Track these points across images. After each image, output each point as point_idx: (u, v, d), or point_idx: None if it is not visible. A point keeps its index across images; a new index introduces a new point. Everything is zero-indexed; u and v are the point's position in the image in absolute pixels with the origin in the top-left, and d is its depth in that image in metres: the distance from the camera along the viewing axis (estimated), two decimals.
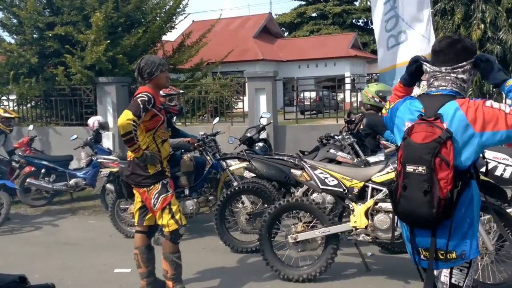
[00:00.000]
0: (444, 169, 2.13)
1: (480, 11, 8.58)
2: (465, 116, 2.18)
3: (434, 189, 2.13)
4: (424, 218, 2.18)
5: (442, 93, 2.30)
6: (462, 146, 2.19)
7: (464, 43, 2.33)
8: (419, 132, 2.20)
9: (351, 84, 12.98)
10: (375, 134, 5.66)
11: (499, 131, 2.15)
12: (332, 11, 39.55)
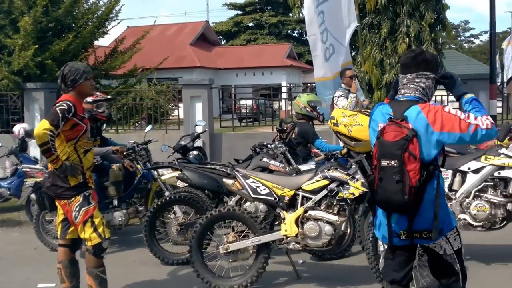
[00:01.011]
0: (412, 162, 2.55)
1: (405, 25, 9.02)
2: (426, 118, 2.62)
3: (405, 179, 2.54)
4: (398, 204, 2.59)
5: (408, 99, 2.73)
6: (425, 142, 2.61)
7: (425, 56, 2.77)
8: (389, 132, 2.63)
9: (287, 93, 13.23)
10: (306, 142, 5.78)
11: (454, 133, 2.61)
12: (268, 22, 40.14)
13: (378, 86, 9.34)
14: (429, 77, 2.73)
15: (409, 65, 2.76)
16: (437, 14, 9.32)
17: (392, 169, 2.57)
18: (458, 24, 58.87)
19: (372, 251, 3.89)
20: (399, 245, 2.77)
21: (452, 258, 2.76)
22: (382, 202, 2.69)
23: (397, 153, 2.56)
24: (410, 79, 2.75)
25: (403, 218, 2.68)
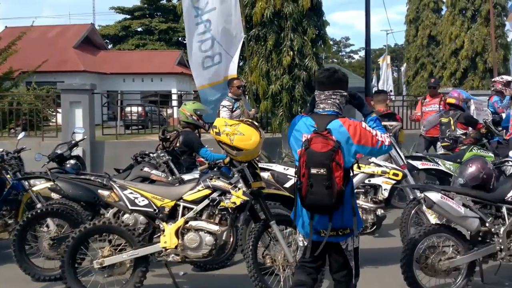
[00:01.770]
0: (338, 170, 2.90)
1: (289, 39, 9.33)
2: (347, 131, 3.03)
3: (333, 185, 2.89)
4: (327, 206, 2.94)
5: (328, 113, 3.10)
6: (346, 152, 2.99)
7: (338, 75, 3.15)
8: (317, 143, 2.94)
9: (177, 100, 13.06)
10: (191, 151, 5.71)
11: (367, 146, 3.09)
12: (158, 27, 39.52)
13: (264, 96, 9.54)
14: (342, 94, 3.14)
15: (326, 83, 3.14)
16: (318, 30, 9.75)
17: (321, 176, 2.89)
18: (339, 40, 62.98)
19: (252, 259, 3.91)
20: (318, 242, 3.10)
21: (350, 255, 3.13)
22: (311, 205, 2.99)
23: (327, 162, 2.89)
24: (327, 95, 3.13)
25: (324, 218, 3.03)
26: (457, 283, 4.11)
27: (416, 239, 4.05)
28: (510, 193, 4.26)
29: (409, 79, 26.73)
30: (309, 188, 2.93)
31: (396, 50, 48.54)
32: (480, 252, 4.13)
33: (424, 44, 25.66)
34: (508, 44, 17.52)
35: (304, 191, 2.94)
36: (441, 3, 24.96)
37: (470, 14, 20.16)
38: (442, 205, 4.00)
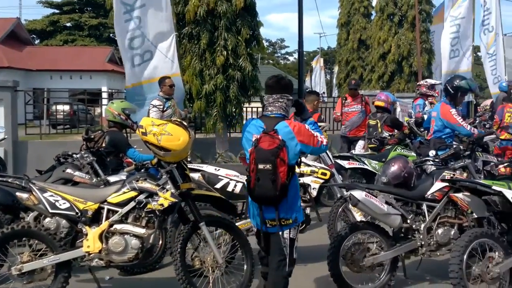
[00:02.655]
0: (282, 165, 3.23)
1: (223, 39, 9.28)
2: (292, 132, 3.35)
3: (277, 179, 3.20)
4: (271, 198, 3.26)
5: (275, 115, 3.45)
6: (290, 150, 3.31)
7: (285, 81, 3.55)
8: (265, 142, 3.27)
9: (108, 99, 12.64)
10: (118, 152, 5.53)
11: (310, 145, 3.44)
12: (88, 23, 38.16)
13: (198, 96, 9.44)
14: (288, 98, 3.50)
15: (274, 87, 3.51)
16: (252, 30, 9.78)
17: (267, 171, 3.21)
18: (275, 42, 63.79)
19: (180, 261, 3.83)
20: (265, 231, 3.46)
21: (286, 243, 3.41)
22: (258, 197, 3.32)
23: (272, 158, 3.22)
24: (275, 98, 3.48)
25: (271, 209, 3.34)
26: (381, 278, 4.26)
27: (342, 236, 4.15)
28: (430, 191, 4.47)
29: (340, 81, 27.44)
30: (256, 182, 3.25)
31: (329, 53, 49.87)
32: (402, 248, 4.30)
33: (354, 48, 26.42)
34: (432, 49, 18.38)
35: (252, 184, 3.27)
36: (371, 8, 25.82)
37: (398, 20, 20.98)
38: (366, 203, 4.13)
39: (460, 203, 4.38)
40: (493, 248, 4.00)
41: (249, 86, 9.65)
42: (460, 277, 3.78)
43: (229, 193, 4.74)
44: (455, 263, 3.82)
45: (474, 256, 3.94)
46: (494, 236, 4.04)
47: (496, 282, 3.98)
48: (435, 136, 6.26)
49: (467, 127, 5.99)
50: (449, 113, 6.01)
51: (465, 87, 6.05)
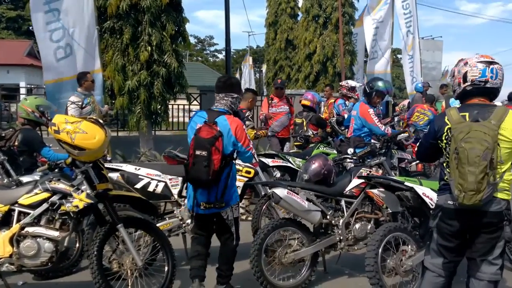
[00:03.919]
0: (216, 154, 3.65)
1: (147, 34, 9.06)
2: (229, 126, 3.83)
3: (211, 165, 3.63)
4: (204, 182, 3.70)
5: (219, 110, 3.95)
6: (226, 142, 3.76)
7: (231, 81, 4.11)
8: (204, 131, 3.72)
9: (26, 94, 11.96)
10: (31, 151, 5.24)
11: (240, 143, 3.86)
12: (5, 15, 35.91)
13: (120, 93, 9.16)
14: (233, 96, 4.00)
15: (221, 87, 4.01)
16: (178, 26, 9.64)
17: (202, 158, 3.63)
18: (204, 39, 63.41)
19: (96, 265, 3.67)
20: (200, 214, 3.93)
21: (231, 223, 3.96)
22: (193, 180, 3.77)
23: (207, 146, 3.64)
24: (221, 97, 3.99)
25: (204, 193, 3.81)
26: (302, 273, 4.34)
27: (265, 234, 4.19)
28: (348, 187, 4.61)
29: (269, 80, 27.78)
30: (192, 166, 3.67)
31: (258, 52, 50.29)
32: (322, 243, 4.41)
33: (282, 48, 26.84)
34: (354, 51, 19.05)
35: (189, 168, 3.68)
36: (297, 9, 26.32)
37: (322, 21, 21.57)
38: (288, 200, 4.20)
39: (375, 199, 4.56)
40: (406, 242, 4.20)
41: (175, 82, 9.51)
42: (375, 270, 3.93)
43: (150, 193, 4.63)
44: (370, 257, 3.97)
45: (389, 249, 4.11)
46: (407, 230, 4.24)
47: (409, 274, 4.18)
48: (354, 134, 6.49)
49: (382, 127, 6.28)
50: (367, 113, 6.26)
51: (380, 89, 6.33)
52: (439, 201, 3.15)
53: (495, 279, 3.03)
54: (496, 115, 2.90)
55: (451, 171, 2.91)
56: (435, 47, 28.67)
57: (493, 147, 2.77)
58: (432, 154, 3.31)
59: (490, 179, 2.79)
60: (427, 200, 4.03)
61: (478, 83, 3.02)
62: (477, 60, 3.04)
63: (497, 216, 2.95)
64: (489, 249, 3.01)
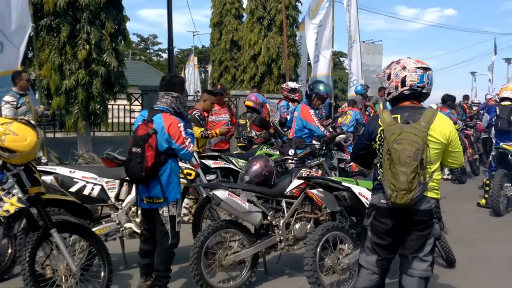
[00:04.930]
0: (150, 150, 3.83)
1: (86, 32, 8.78)
2: (163, 123, 3.92)
3: (144, 161, 3.81)
4: (138, 177, 3.90)
5: (159, 108, 4.07)
6: (160, 139, 3.90)
7: (172, 80, 4.19)
8: (140, 129, 3.92)
9: None
10: None
11: (173, 140, 3.94)
12: None
13: (57, 92, 8.82)
14: (173, 95, 4.07)
15: (162, 86, 4.13)
16: (118, 24, 9.41)
17: (137, 154, 3.83)
18: (147, 37, 62.28)
19: (28, 271, 3.52)
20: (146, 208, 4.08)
21: (166, 220, 4.00)
22: (130, 176, 4.02)
23: (141, 143, 3.83)
24: (162, 95, 4.10)
25: (144, 188, 3.97)
26: (242, 275, 4.35)
27: (205, 236, 4.16)
28: (289, 188, 4.67)
29: (214, 80, 27.65)
30: (129, 163, 3.91)
31: (204, 52, 50.02)
32: (263, 244, 4.43)
33: (227, 48, 26.74)
34: (298, 53, 19.34)
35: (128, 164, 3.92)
36: (242, 10, 26.34)
37: (267, 23, 21.70)
38: (228, 202, 4.19)
39: (315, 199, 4.64)
40: (343, 240, 4.30)
41: (115, 82, 9.27)
42: (313, 269, 4.00)
43: (85, 197, 4.49)
44: (309, 256, 4.03)
45: (327, 248, 4.20)
46: (344, 229, 4.34)
47: (346, 272, 4.28)
48: (296, 135, 6.59)
49: (322, 128, 6.42)
50: (307, 114, 6.37)
51: (320, 92, 6.47)
52: (373, 200, 3.24)
53: (426, 275, 3.14)
54: (426, 117, 3.03)
55: (384, 171, 3.00)
56: (375, 50, 29.68)
57: (423, 148, 2.88)
58: (366, 156, 3.38)
59: (420, 178, 2.90)
60: (363, 199, 4.14)
61: (416, 88, 3.14)
62: (415, 66, 3.14)
63: (427, 214, 3.07)
64: (420, 246, 3.12)
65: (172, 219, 4.00)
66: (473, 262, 5.25)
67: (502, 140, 7.50)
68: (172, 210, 4.00)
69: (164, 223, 3.99)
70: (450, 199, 7.58)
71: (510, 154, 7.31)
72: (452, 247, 4.99)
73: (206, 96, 6.58)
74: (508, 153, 7.34)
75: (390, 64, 3.30)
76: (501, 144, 7.49)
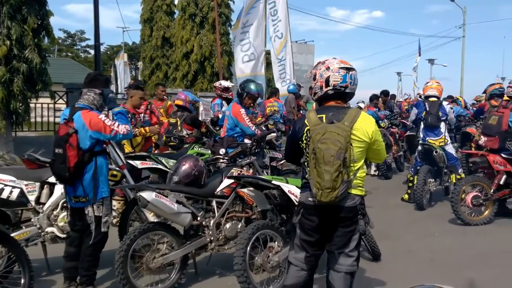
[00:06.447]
0: (71, 150, 3.76)
1: (6, 27, 8.31)
2: (83, 120, 3.87)
3: (66, 162, 3.75)
4: (63, 178, 3.87)
5: (79, 106, 3.98)
6: (82, 137, 3.84)
7: (95, 76, 4.13)
8: (61, 129, 3.87)
9: None
10: None
11: (101, 132, 3.93)
12: None
13: None
14: (96, 92, 4.03)
15: (85, 82, 4.06)
16: (41, 19, 8.96)
17: (60, 155, 3.78)
18: (74, 33, 59.82)
19: None
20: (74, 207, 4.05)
21: (91, 220, 3.98)
22: (55, 176, 3.99)
23: (62, 144, 3.78)
24: (84, 92, 4.03)
25: (70, 188, 3.95)
26: (172, 277, 4.26)
27: (131, 239, 4.04)
28: (219, 188, 4.63)
29: (145, 78, 27.06)
30: (53, 163, 3.85)
31: (134, 49, 48.80)
32: (193, 245, 4.37)
33: (158, 45, 26.26)
34: (231, 51, 19.37)
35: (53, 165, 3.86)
36: (173, 6, 25.95)
37: (199, 20, 21.55)
38: (156, 203, 4.09)
39: (246, 198, 4.64)
40: (273, 238, 4.33)
41: (37, 80, 8.84)
42: (243, 268, 3.99)
43: (3, 201, 4.24)
44: (238, 256, 4.02)
45: (257, 247, 4.20)
46: (274, 227, 4.37)
47: (276, 270, 4.31)
48: (227, 134, 6.56)
49: (252, 127, 6.44)
50: (238, 113, 6.37)
51: (251, 91, 6.49)
52: (301, 198, 3.29)
53: (352, 270, 3.22)
54: (349, 116, 3.10)
55: (310, 170, 3.05)
56: (307, 50, 30.28)
57: (345, 147, 2.95)
58: (296, 154, 3.42)
59: (344, 177, 2.96)
60: (293, 197, 4.19)
61: (339, 88, 3.20)
62: (338, 66, 3.21)
63: (352, 211, 3.14)
64: (345, 242, 3.19)
65: (97, 219, 3.98)
66: (397, 255, 5.46)
67: (429, 135, 7.86)
68: (97, 210, 3.98)
69: (89, 223, 3.97)
70: (376, 194, 7.85)
71: (435, 150, 7.67)
72: (377, 240, 5.15)
73: (132, 92, 6.32)
74: (433, 149, 7.70)
75: (316, 64, 3.36)
76: (427, 139, 7.85)
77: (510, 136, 6.80)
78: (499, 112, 7.01)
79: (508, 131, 6.76)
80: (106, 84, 4.14)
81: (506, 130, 6.76)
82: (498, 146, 6.78)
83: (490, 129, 7.00)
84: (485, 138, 7.04)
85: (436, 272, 4.90)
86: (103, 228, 4.04)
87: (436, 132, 7.82)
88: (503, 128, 6.77)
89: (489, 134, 6.98)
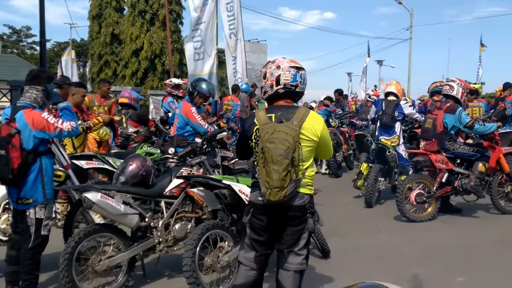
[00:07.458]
0: (15, 151, 3.61)
1: None
2: (26, 120, 3.69)
3: (9, 164, 3.58)
4: (7, 180, 3.71)
5: (21, 104, 3.80)
6: (26, 137, 3.68)
7: (36, 73, 3.92)
8: (3, 130, 3.64)
9: None
10: None
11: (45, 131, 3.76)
12: None
13: None
14: (38, 89, 3.84)
15: (26, 79, 3.85)
16: None
17: (2, 157, 3.61)
18: (20, 29, 57.40)
19: None
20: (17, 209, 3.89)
21: (32, 222, 3.82)
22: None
23: (4, 145, 3.61)
24: (26, 89, 3.84)
25: (14, 190, 3.80)
26: (118, 280, 4.15)
27: (76, 241, 3.89)
28: (168, 188, 4.54)
29: (93, 75, 26.35)
30: None
31: (82, 45, 47.40)
32: (140, 247, 4.27)
33: (107, 42, 25.61)
34: (183, 49, 19.16)
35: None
36: (123, 2, 25.40)
37: (149, 17, 21.23)
38: (101, 204, 3.96)
39: (196, 198, 4.58)
40: (224, 238, 4.29)
41: None
42: (192, 269, 3.93)
43: None
44: (187, 257, 3.96)
45: (207, 247, 4.15)
46: (224, 227, 4.33)
47: (226, 270, 4.27)
48: (177, 133, 6.46)
49: (205, 125, 6.36)
50: (189, 111, 6.28)
51: (202, 90, 6.41)
52: (251, 198, 3.27)
53: (301, 268, 3.23)
54: (298, 116, 3.10)
55: (259, 170, 3.03)
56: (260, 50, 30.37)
57: (294, 146, 2.95)
58: (247, 152, 3.40)
59: (292, 176, 2.96)
60: (243, 196, 4.16)
61: (290, 87, 3.20)
62: (289, 65, 3.21)
63: (300, 210, 3.15)
64: (295, 241, 3.20)
65: (38, 222, 3.84)
66: (346, 252, 5.55)
67: (383, 134, 8.04)
68: (39, 212, 3.84)
69: (29, 225, 3.83)
70: (327, 192, 7.96)
71: (388, 150, 7.84)
72: (327, 238, 5.22)
73: (73, 89, 6.10)
74: (386, 148, 7.87)
75: (266, 63, 3.35)
76: (380, 138, 8.02)
77: (447, 136, 7.01)
78: (433, 114, 7.21)
79: (445, 132, 6.98)
80: (49, 81, 3.96)
81: (441, 131, 6.97)
82: (437, 148, 7.00)
83: (427, 133, 7.22)
84: (424, 142, 7.27)
85: (383, 268, 5.01)
86: (43, 231, 3.89)
87: (390, 132, 8.01)
88: (438, 130, 6.98)
89: (427, 138, 7.20)
